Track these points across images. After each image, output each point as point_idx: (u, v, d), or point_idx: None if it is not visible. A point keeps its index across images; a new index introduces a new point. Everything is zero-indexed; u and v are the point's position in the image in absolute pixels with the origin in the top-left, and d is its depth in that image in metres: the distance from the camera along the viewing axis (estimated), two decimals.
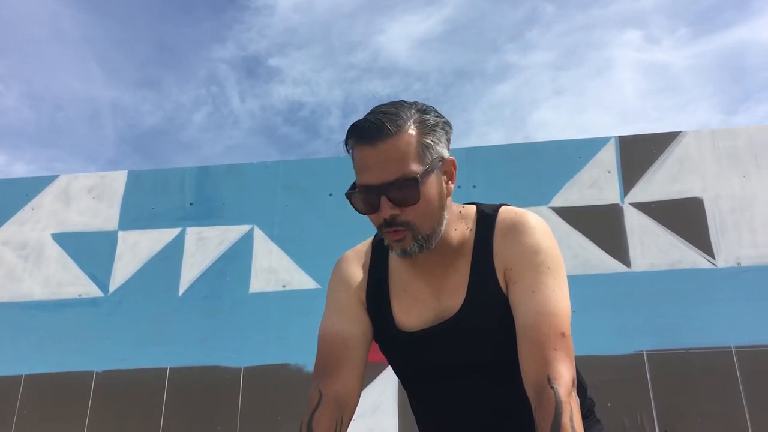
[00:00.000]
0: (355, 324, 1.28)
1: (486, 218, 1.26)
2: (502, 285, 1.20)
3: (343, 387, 1.21)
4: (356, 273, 1.33)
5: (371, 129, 1.13)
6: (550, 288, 1.15)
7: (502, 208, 1.28)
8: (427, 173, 1.14)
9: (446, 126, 1.20)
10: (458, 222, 1.25)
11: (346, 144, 1.20)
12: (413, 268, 1.27)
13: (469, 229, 1.25)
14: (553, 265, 1.18)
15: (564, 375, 1.05)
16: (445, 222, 1.20)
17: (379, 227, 1.18)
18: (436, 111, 1.20)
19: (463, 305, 1.22)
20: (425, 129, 1.15)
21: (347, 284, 1.32)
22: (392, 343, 1.30)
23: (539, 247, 1.19)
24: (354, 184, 1.18)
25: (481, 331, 1.21)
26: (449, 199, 1.22)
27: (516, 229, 1.22)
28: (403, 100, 1.19)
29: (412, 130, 1.14)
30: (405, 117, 1.14)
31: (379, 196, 1.13)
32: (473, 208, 1.29)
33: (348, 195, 1.18)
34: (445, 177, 1.20)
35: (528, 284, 1.16)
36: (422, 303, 1.26)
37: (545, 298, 1.14)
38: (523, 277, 1.17)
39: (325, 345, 1.27)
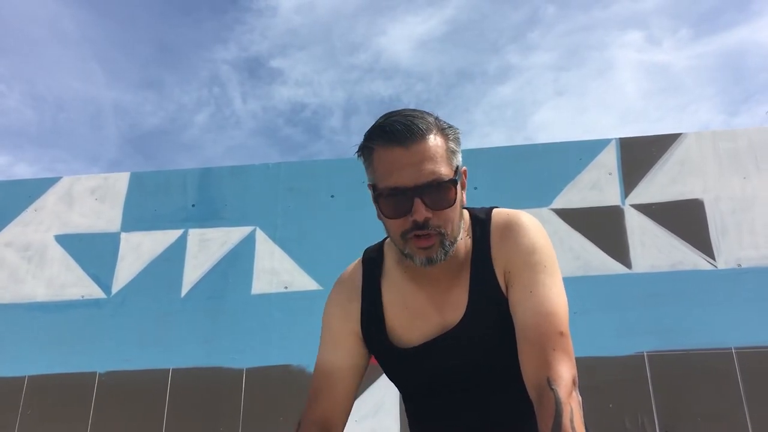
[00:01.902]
0: (343, 355, 1.27)
1: (480, 223, 1.25)
2: (503, 289, 1.19)
3: (323, 412, 1.22)
4: (349, 298, 1.30)
5: (402, 130, 1.09)
6: (547, 287, 1.14)
7: (495, 210, 1.27)
8: (457, 179, 1.13)
9: (459, 135, 1.18)
10: (463, 231, 1.22)
11: (365, 147, 1.15)
12: (415, 283, 1.25)
13: (467, 236, 1.23)
14: (548, 263, 1.18)
15: (564, 375, 1.04)
16: (461, 231, 1.19)
17: (404, 233, 1.13)
18: (446, 122, 1.18)
19: (465, 315, 1.20)
20: (449, 135, 1.14)
21: (340, 312, 1.30)
22: (391, 361, 1.28)
23: (534, 247, 1.19)
24: (375, 186, 1.14)
25: (484, 340, 1.20)
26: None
27: (511, 229, 1.21)
28: (415, 109, 1.16)
29: (439, 135, 1.12)
30: (429, 121, 1.12)
31: (412, 199, 1.09)
32: (466, 213, 1.27)
33: (376, 197, 1.13)
34: (461, 186, 1.18)
35: (525, 284, 1.15)
36: (423, 318, 1.24)
37: (543, 298, 1.13)
38: (520, 278, 1.16)
39: (314, 374, 1.28)
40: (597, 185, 3.47)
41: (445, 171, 1.10)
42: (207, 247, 3.61)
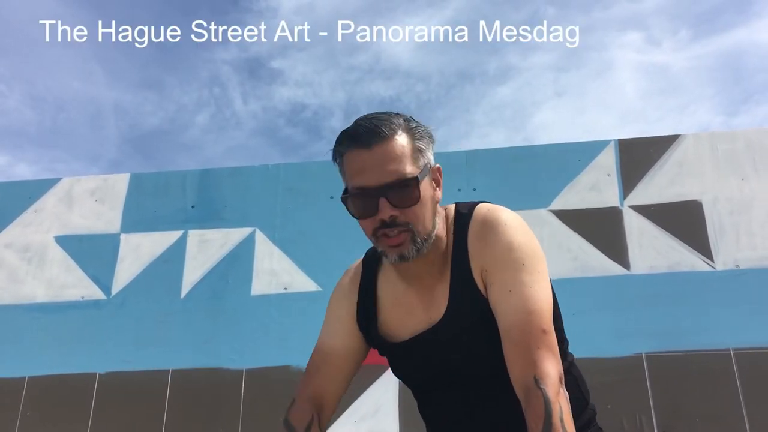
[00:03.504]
0: (343, 336, 1.32)
1: (461, 219, 1.25)
2: (481, 287, 1.19)
3: (317, 389, 1.27)
4: (350, 288, 1.35)
5: (366, 133, 1.13)
6: (527, 285, 1.13)
7: (478, 206, 1.25)
8: (422, 175, 1.15)
9: (431, 135, 1.21)
10: (443, 228, 1.25)
11: (335, 151, 1.19)
12: (405, 281, 1.27)
13: (450, 233, 1.24)
14: (528, 260, 1.15)
15: (550, 373, 1.04)
16: (437, 227, 1.21)
17: (374, 231, 1.16)
18: (418, 122, 1.21)
19: (445, 312, 1.21)
20: (415, 134, 1.18)
21: (342, 298, 1.36)
22: (386, 355, 1.33)
23: (512, 245, 1.16)
24: (346, 189, 1.19)
25: (464, 338, 1.21)
26: (437, 205, 1.23)
27: (488, 227, 1.20)
28: (386, 111, 1.20)
29: (404, 134, 1.16)
30: (394, 122, 1.16)
31: (377, 199, 1.12)
32: (451, 209, 1.28)
33: (344, 199, 1.17)
34: (433, 183, 1.21)
35: (504, 284, 1.14)
36: (412, 315, 1.26)
37: (523, 297, 1.12)
38: (499, 278, 1.15)
39: (313, 354, 1.33)
40: (596, 186, 3.48)
41: (409, 170, 1.13)
42: (206, 248, 3.62)
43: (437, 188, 1.21)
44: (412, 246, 1.16)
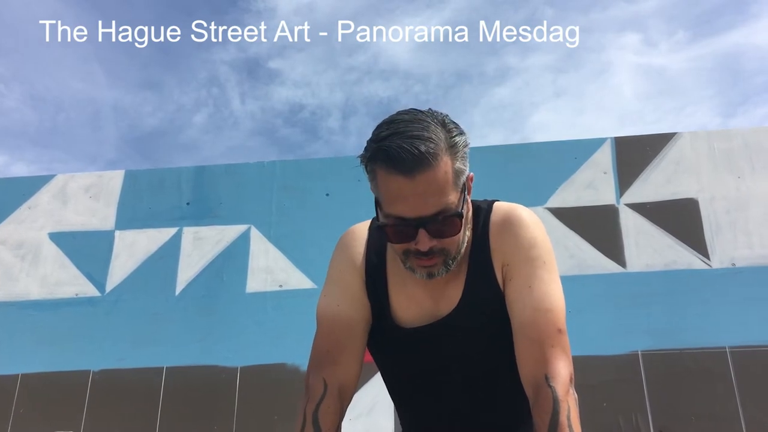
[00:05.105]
0: (358, 308, 1.24)
1: (481, 216, 1.24)
2: (500, 281, 1.19)
3: (345, 376, 1.18)
4: (359, 252, 1.29)
5: (407, 159, 1.01)
6: (546, 283, 1.15)
7: (496, 203, 1.26)
8: (463, 202, 1.10)
9: (467, 144, 1.13)
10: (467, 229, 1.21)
11: (367, 164, 1.09)
12: None
13: (469, 228, 1.22)
14: (547, 258, 1.18)
15: (561, 372, 1.05)
16: (466, 237, 1.18)
17: (405, 252, 1.12)
18: (455, 124, 1.12)
19: (456, 308, 1.20)
20: (457, 152, 1.08)
21: (352, 262, 1.28)
22: (385, 338, 1.27)
23: (534, 241, 1.18)
24: (379, 204, 1.10)
25: (471, 335, 1.20)
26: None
27: (511, 223, 1.21)
28: (422, 112, 1.09)
29: (446, 157, 1.05)
30: (437, 141, 1.04)
31: (417, 229, 1.07)
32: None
33: (381, 226, 1.11)
34: (468, 197, 1.17)
35: (524, 279, 1.15)
36: (418, 304, 1.24)
37: (542, 294, 1.13)
38: (519, 273, 1.16)
39: (329, 328, 1.22)
40: (592, 184, 3.47)
41: (451, 199, 1.07)
42: (201, 246, 3.61)
43: (469, 196, 1.17)
44: (442, 268, 1.13)
